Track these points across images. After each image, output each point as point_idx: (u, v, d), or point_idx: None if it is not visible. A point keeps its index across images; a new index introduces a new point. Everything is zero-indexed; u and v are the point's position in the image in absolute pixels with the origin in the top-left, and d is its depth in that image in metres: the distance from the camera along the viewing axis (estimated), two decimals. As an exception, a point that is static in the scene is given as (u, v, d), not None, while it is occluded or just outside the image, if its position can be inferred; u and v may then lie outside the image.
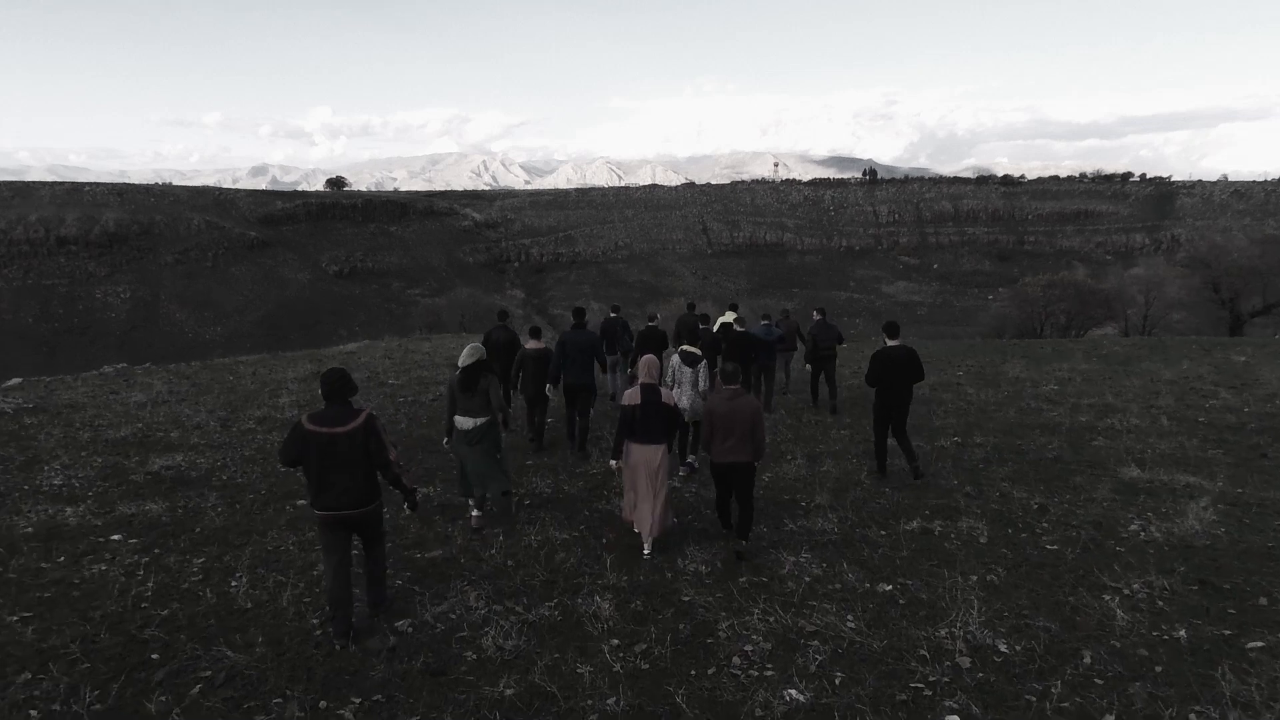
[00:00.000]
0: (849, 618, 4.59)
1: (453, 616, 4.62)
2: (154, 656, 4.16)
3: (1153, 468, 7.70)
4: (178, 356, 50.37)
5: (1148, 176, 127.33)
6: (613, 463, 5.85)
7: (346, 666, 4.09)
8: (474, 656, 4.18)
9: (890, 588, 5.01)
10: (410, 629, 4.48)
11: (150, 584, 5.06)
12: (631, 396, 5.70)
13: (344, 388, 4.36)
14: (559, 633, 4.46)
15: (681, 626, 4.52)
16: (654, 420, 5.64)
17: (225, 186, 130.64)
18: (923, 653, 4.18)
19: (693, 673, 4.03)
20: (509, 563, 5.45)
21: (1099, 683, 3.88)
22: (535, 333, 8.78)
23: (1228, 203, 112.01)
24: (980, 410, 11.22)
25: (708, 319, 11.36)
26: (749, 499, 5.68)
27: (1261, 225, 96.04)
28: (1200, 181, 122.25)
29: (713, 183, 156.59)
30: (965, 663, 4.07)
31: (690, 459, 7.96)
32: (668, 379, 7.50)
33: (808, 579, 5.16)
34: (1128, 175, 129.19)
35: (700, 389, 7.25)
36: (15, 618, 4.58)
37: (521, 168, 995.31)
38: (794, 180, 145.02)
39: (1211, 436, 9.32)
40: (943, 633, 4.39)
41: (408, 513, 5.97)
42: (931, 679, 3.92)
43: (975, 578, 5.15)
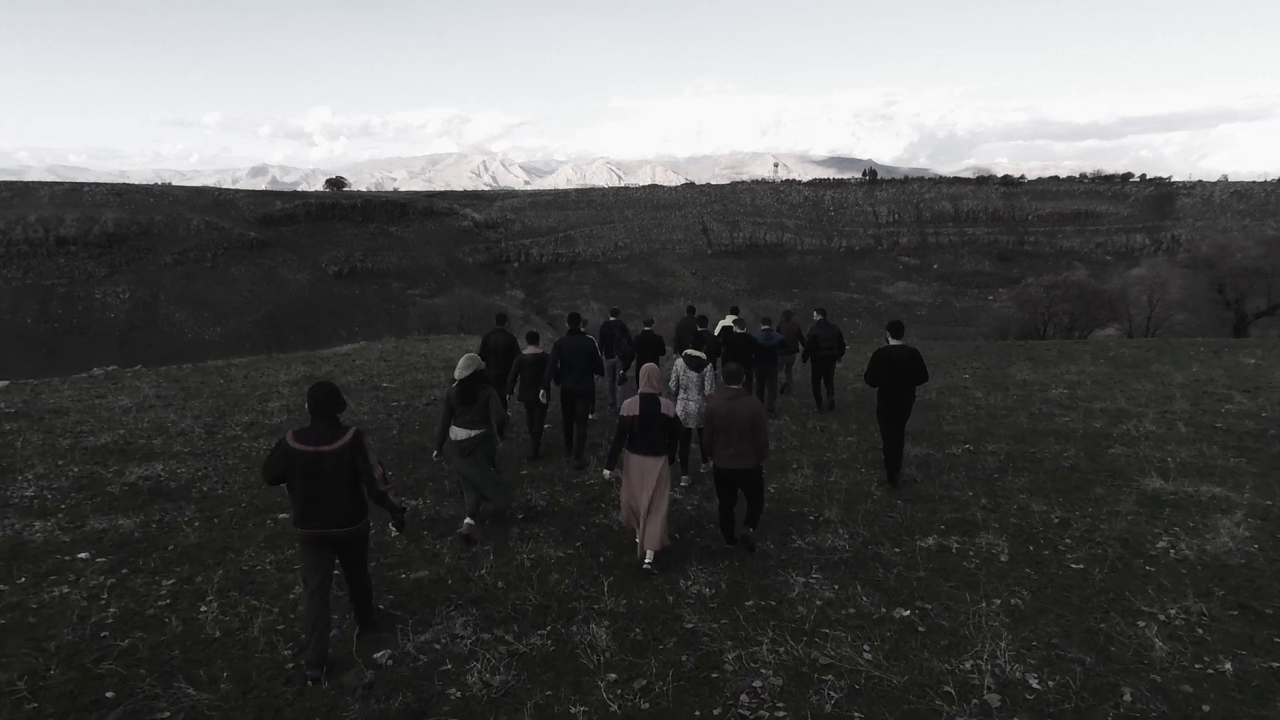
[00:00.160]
0: (865, 648, 4.23)
1: (437, 647, 4.26)
2: (109, 695, 3.81)
3: (1176, 478, 7.36)
4: (177, 357, 50.13)
5: (1148, 177, 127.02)
6: (606, 473, 5.63)
7: (318, 706, 3.73)
8: (458, 695, 3.81)
9: (908, 613, 4.65)
10: (389, 661, 4.11)
11: (113, 609, 4.71)
12: (630, 406, 5.50)
13: (331, 403, 4.14)
14: (551, 666, 4.10)
15: (684, 658, 4.16)
16: (653, 431, 5.45)
17: (225, 187, 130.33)
18: (948, 689, 3.82)
19: (697, 713, 3.68)
20: (499, 584, 5.10)
21: (1142, 725, 3.55)
22: (533, 337, 8.63)
23: (1228, 203, 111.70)
24: (990, 415, 10.89)
25: (705, 321, 11.19)
26: (758, 498, 5.63)
27: (1262, 226, 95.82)
28: (1200, 182, 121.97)
29: (713, 183, 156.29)
30: (995, 700, 3.73)
31: (700, 469, 7.74)
32: (671, 385, 7.34)
33: (819, 603, 4.81)
34: (1128, 176, 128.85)
35: (707, 393, 7.08)
36: (-37, 649, 4.24)
37: (521, 168, 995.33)
38: (794, 180, 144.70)
39: (1231, 444, 8.99)
40: (968, 665, 4.04)
41: (394, 534, 5.66)
42: (959, 720, 3.59)
43: (999, 601, 4.80)
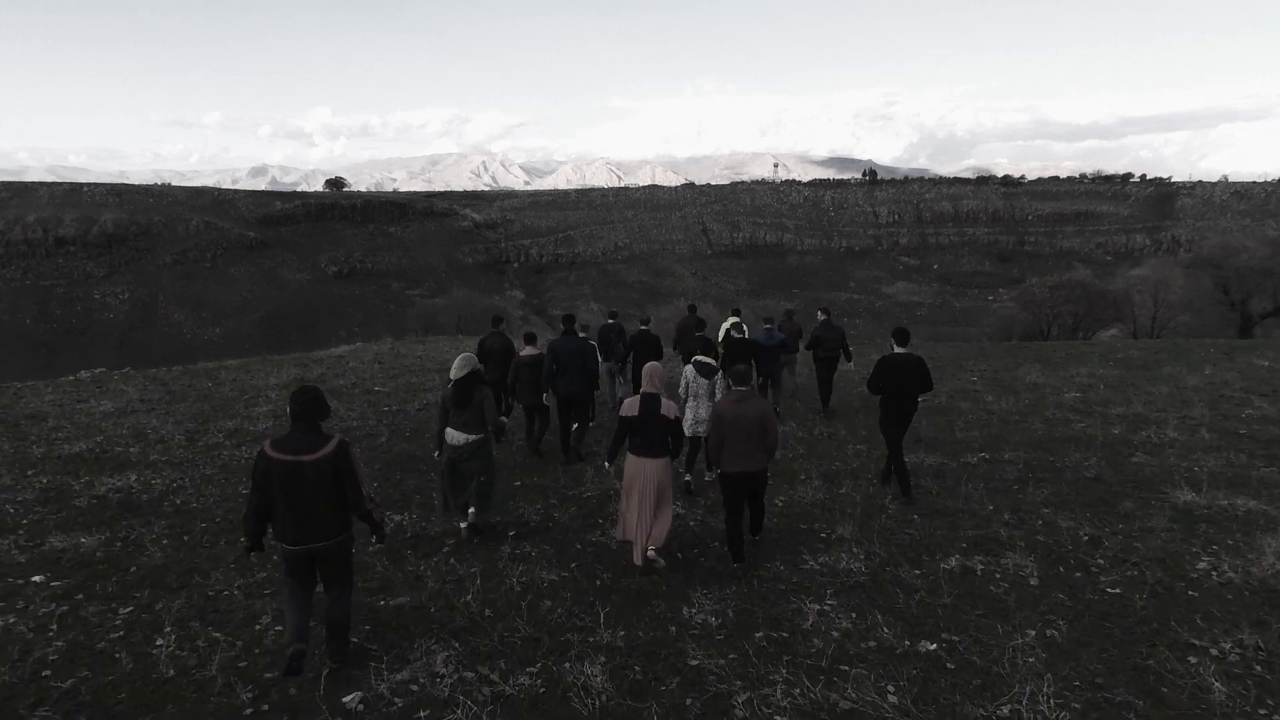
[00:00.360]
0: (889, 689, 3.81)
1: (414, 688, 3.83)
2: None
3: (1207, 490, 6.93)
4: (176, 358, 49.64)
5: (1148, 177, 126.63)
6: (607, 464, 5.63)
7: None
8: (435, 747, 3.41)
9: (934, 646, 4.23)
10: (361, 707, 3.68)
11: (60, 643, 4.28)
12: (630, 406, 5.34)
13: (314, 409, 3.91)
14: (540, 710, 3.68)
15: (689, 701, 3.74)
16: (653, 432, 5.29)
17: (224, 187, 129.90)
18: (985, 740, 3.41)
19: (704, 770, 3.27)
20: (486, 612, 4.66)
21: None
22: (530, 338, 8.45)
23: (1228, 203, 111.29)
24: (1003, 421, 10.46)
25: (704, 325, 10.87)
26: (761, 500, 5.62)
27: (1262, 226, 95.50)
28: (1200, 182, 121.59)
29: (712, 183, 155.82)
30: (1039, 755, 3.32)
31: (705, 477, 7.47)
32: (681, 392, 7.13)
33: (836, 634, 4.38)
34: (1128, 176, 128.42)
35: (719, 397, 6.83)
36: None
37: (521, 168, 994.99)
38: (794, 181, 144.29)
39: (1259, 452, 8.57)
40: (1005, 710, 3.62)
41: (375, 546, 5.29)
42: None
43: (1033, 633, 4.37)
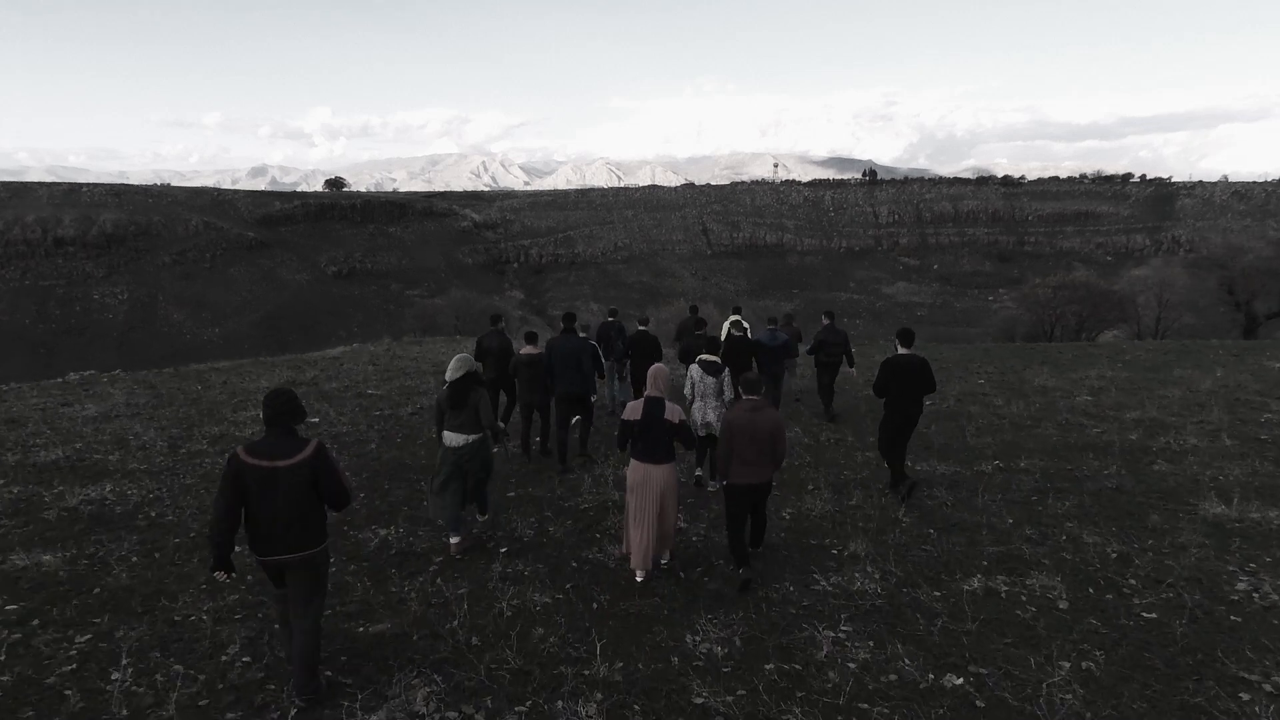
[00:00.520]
0: (915, 731, 3.48)
1: (390, 731, 3.50)
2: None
3: (1237, 502, 6.59)
4: (175, 358, 49.30)
5: (1148, 177, 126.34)
6: (620, 450, 5.46)
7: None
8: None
9: (961, 681, 3.88)
10: (330, 753, 3.36)
11: (6, 677, 3.93)
12: (633, 410, 5.12)
13: (288, 413, 3.73)
14: (530, 757, 3.35)
15: (694, 746, 3.41)
16: (657, 437, 5.05)
17: (224, 187, 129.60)
18: (1024, 793, 3.07)
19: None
20: (474, 641, 4.31)
21: None
22: (531, 338, 8.20)
23: (1228, 204, 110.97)
24: (1015, 426, 10.11)
25: (704, 324, 10.63)
26: (763, 510, 5.48)
27: (1262, 226, 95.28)
28: (1200, 182, 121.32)
29: (712, 183, 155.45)
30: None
31: (709, 488, 7.23)
32: (687, 392, 6.85)
33: (853, 666, 4.03)
34: (1128, 176, 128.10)
35: (726, 399, 6.59)
36: None
37: (521, 169, 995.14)
38: (794, 181, 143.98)
39: (1286, 459, 8.23)
40: (1044, 757, 3.29)
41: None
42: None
43: (1067, 665, 4.03)
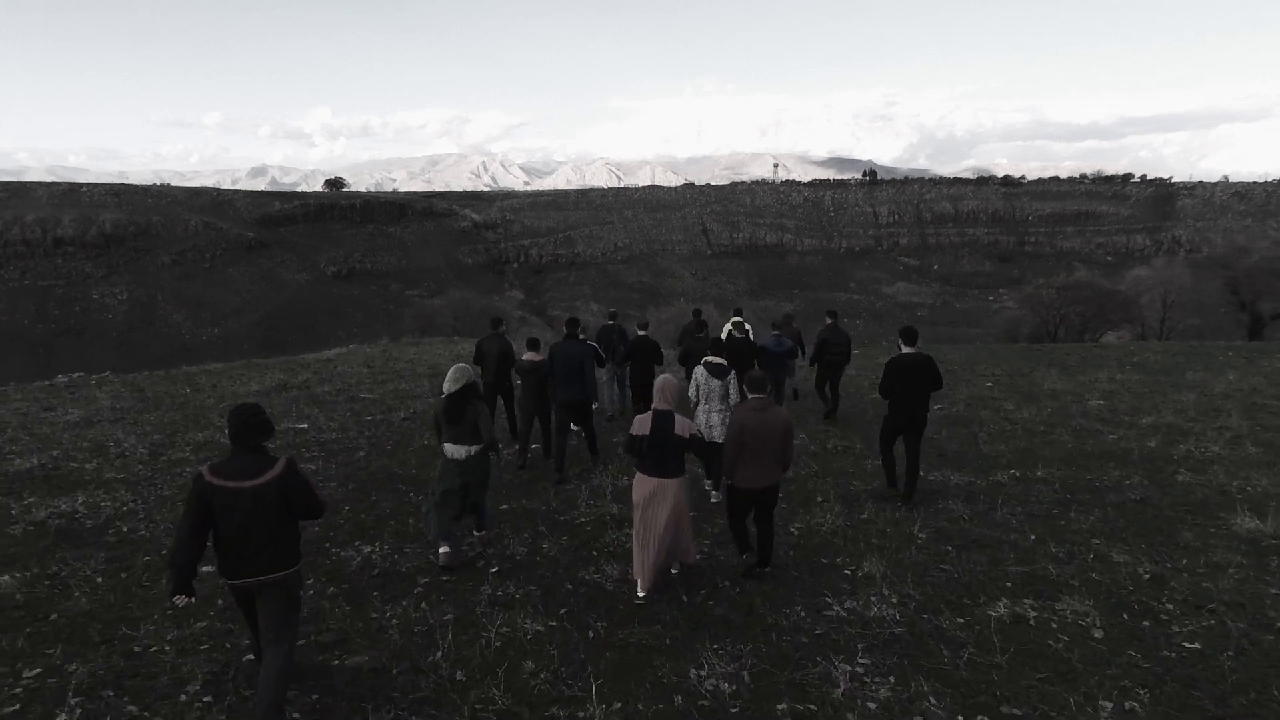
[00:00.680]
0: (946, 785, 3.12)
1: (362, 785, 3.14)
2: None
3: (1272, 517, 6.22)
4: (175, 358, 49.00)
5: (1148, 178, 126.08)
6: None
7: None
8: None
9: (993, 724, 3.54)
10: (293, 814, 3.00)
11: (-59, 720, 3.60)
12: (641, 424, 4.91)
13: (252, 429, 3.55)
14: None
15: (700, 803, 3.05)
16: (665, 452, 4.86)
17: (224, 187, 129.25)
18: None
19: None
20: (458, 676, 3.95)
21: None
22: (533, 344, 8.07)
23: (1229, 204, 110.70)
24: (1029, 432, 9.76)
25: (705, 327, 10.40)
26: (770, 520, 5.19)
27: (1263, 226, 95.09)
28: (1201, 183, 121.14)
29: (712, 184, 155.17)
30: None
31: (712, 498, 6.98)
32: (692, 395, 6.60)
33: (873, 706, 3.67)
34: (1128, 176, 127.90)
35: (732, 402, 6.38)
36: None
37: (521, 169, 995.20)
38: (794, 181, 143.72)
39: (1314, 469, 7.88)
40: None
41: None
42: None
43: (1109, 705, 3.66)
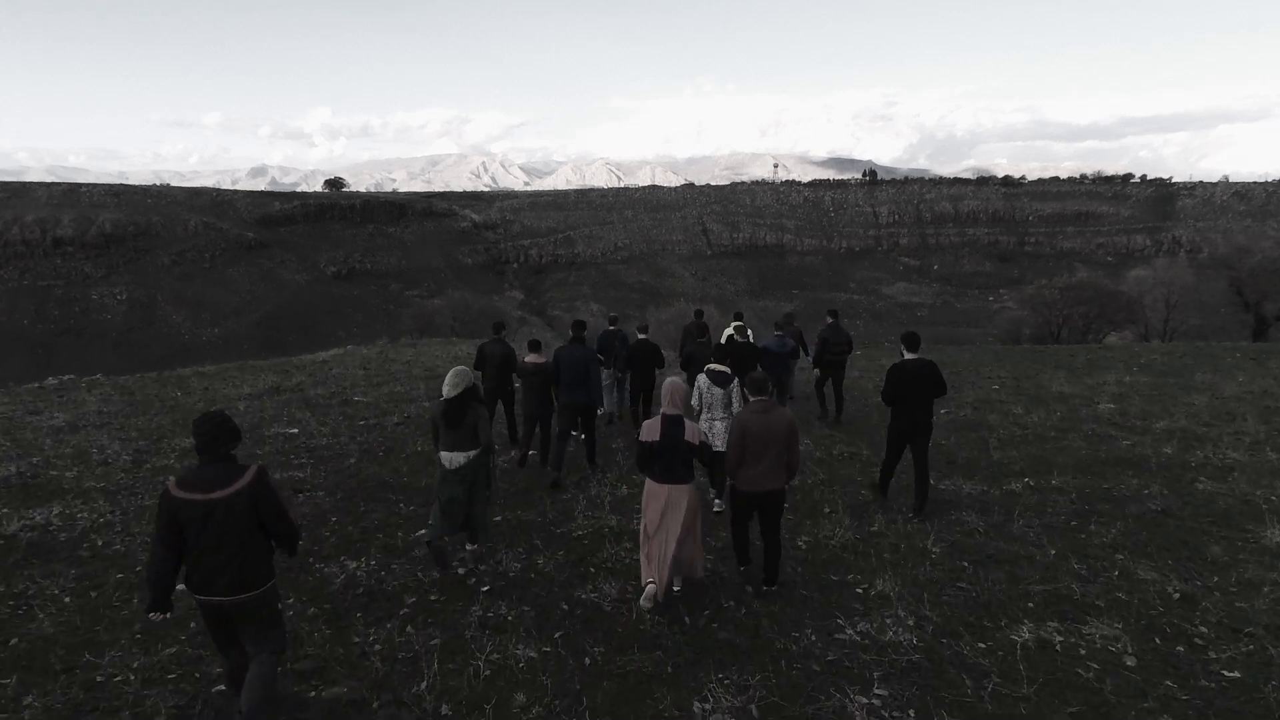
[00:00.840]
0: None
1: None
2: None
3: (1303, 529, 5.95)
4: (174, 358, 48.70)
5: (1148, 178, 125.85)
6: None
7: None
8: None
9: (1024, 766, 3.25)
10: None
11: (-121, 763, 3.31)
12: (650, 430, 4.82)
13: (221, 438, 3.37)
14: None
15: None
16: (676, 458, 4.78)
17: (224, 188, 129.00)
18: None
19: None
20: (444, 710, 3.66)
21: None
22: (534, 345, 7.97)
23: (1229, 204, 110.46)
24: (1040, 438, 9.46)
25: (706, 330, 10.15)
26: (777, 533, 4.97)
27: (1263, 226, 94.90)
28: (1201, 183, 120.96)
29: (712, 184, 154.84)
30: None
31: (715, 507, 6.72)
32: (694, 403, 6.42)
33: (893, 744, 3.40)
34: (1128, 176, 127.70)
35: (735, 410, 6.26)
36: None
37: (521, 169, 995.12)
38: (794, 181, 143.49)
39: (1338, 476, 7.60)
40: None
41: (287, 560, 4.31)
42: None
43: (1149, 744, 3.40)
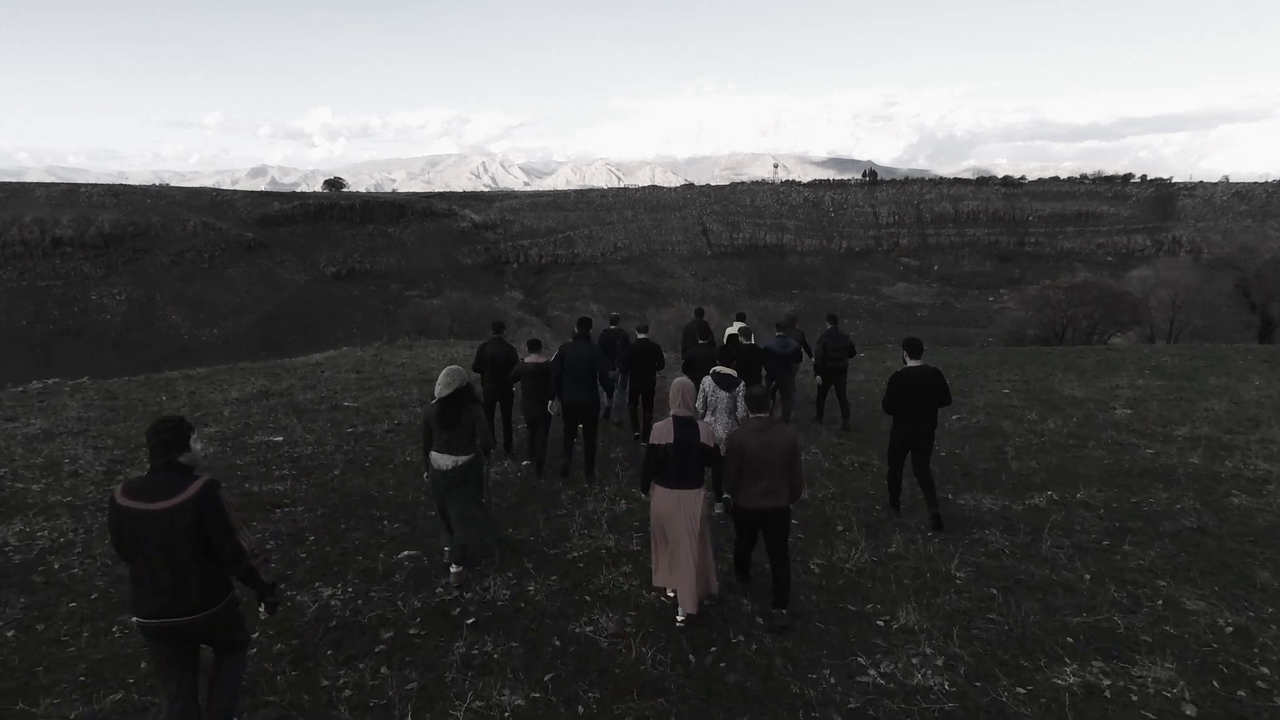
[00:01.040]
0: None
1: None
2: None
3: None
4: (173, 359, 48.27)
5: (1148, 178, 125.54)
6: (644, 495, 4.86)
7: None
8: None
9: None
10: None
11: None
12: (662, 433, 4.61)
13: (171, 444, 3.21)
14: None
15: None
16: (689, 461, 4.60)
17: (223, 188, 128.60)
18: None
19: None
20: (419, 770, 3.27)
21: None
22: (534, 345, 7.80)
23: (1229, 204, 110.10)
24: (1058, 446, 9.04)
25: (709, 331, 9.79)
26: (784, 553, 4.72)
27: (1263, 226, 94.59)
28: (1201, 183, 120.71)
29: (712, 184, 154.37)
30: None
31: (717, 516, 6.32)
32: (699, 405, 6.18)
33: (929, 814, 2.99)
34: (1128, 176, 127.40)
35: (740, 414, 6.03)
36: None
37: (521, 169, 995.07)
38: (794, 181, 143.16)
39: (1380, 490, 7.18)
40: None
41: (264, 616, 3.95)
42: None
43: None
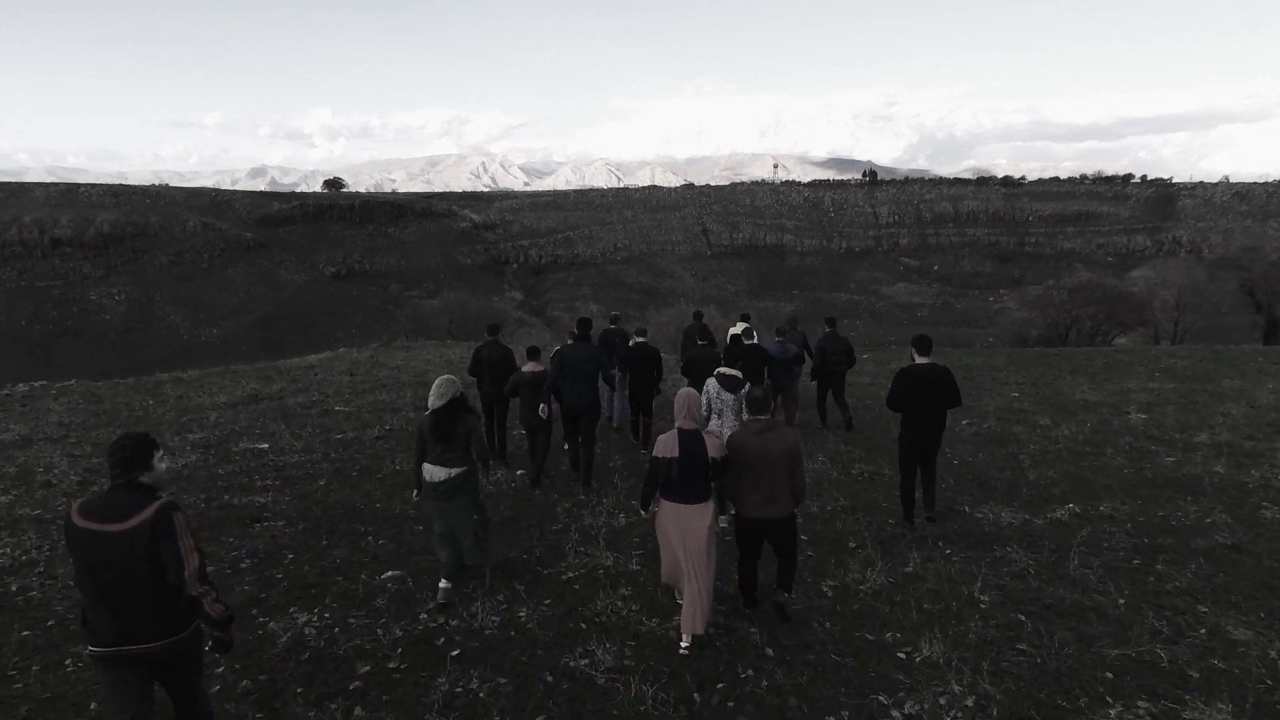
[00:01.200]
0: None
1: None
2: None
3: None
4: (173, 359, 47.92)
5: (1148, 178, 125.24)
6: (644, 512, 4.73)
7: None
8: None
9: None
10: None
11: None
12: (667, 446, 4.39)
13: (130, 462, 2.99)
14: None
15: None
16: (695, 474, 4.37)
17: (223, 188, 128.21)
18: None
19: None
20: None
21: None
22: (533, 353, 7.60)
23: (1229, 204, 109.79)
24: (1075, 454, 8.66)
25: (709, 332, 9.49)
26: (792, 553, 4.63)
27: (1264, 227, 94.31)
28: (1201, 183, 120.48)
29: (712, 184, 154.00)
30: None
31: (721, 525, 6.06)
32: (702, 409, 5.79)
33: None
34: (1128, 177, 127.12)
35: (746, 418, 5.53)
36: None
37: (521, 169, 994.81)
38: (794, 181, 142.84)
39: None
40: None
41: (219, 657, 3.63)
42: None
43: None
